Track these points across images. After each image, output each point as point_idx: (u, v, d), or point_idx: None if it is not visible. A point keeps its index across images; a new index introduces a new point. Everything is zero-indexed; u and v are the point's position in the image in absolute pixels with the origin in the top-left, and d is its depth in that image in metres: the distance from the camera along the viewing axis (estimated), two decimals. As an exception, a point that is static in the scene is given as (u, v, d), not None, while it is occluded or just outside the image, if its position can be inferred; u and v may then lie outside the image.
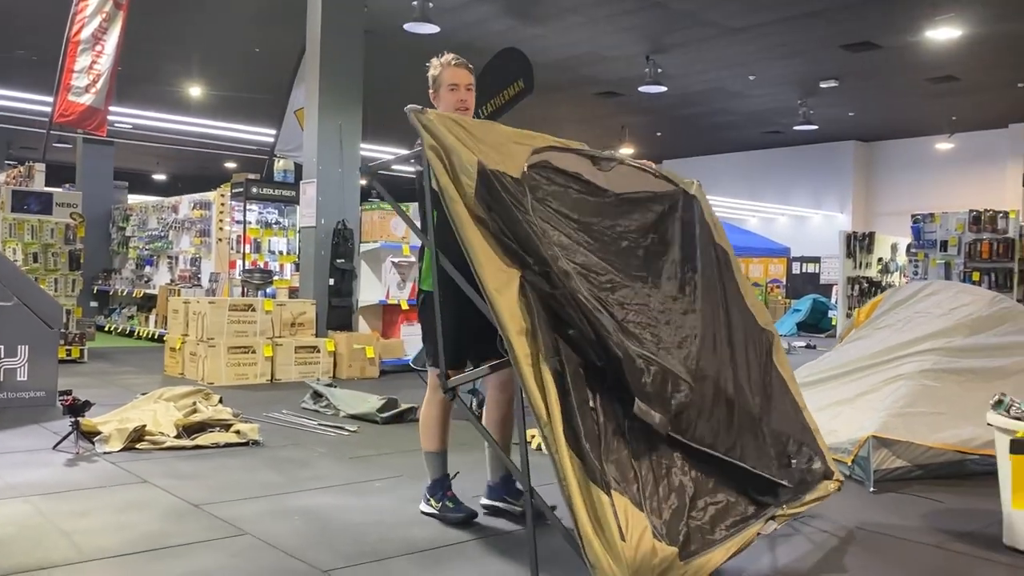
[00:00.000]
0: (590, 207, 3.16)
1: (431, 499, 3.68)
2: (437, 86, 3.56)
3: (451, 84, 3.51)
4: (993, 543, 3.49)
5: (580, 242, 3.02)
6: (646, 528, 2.58)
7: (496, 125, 3.10)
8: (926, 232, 10.50)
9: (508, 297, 2.70)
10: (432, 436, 3.69)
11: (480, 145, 2.90)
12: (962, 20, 10.81)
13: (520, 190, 2.89)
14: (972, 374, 4.84)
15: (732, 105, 16.47)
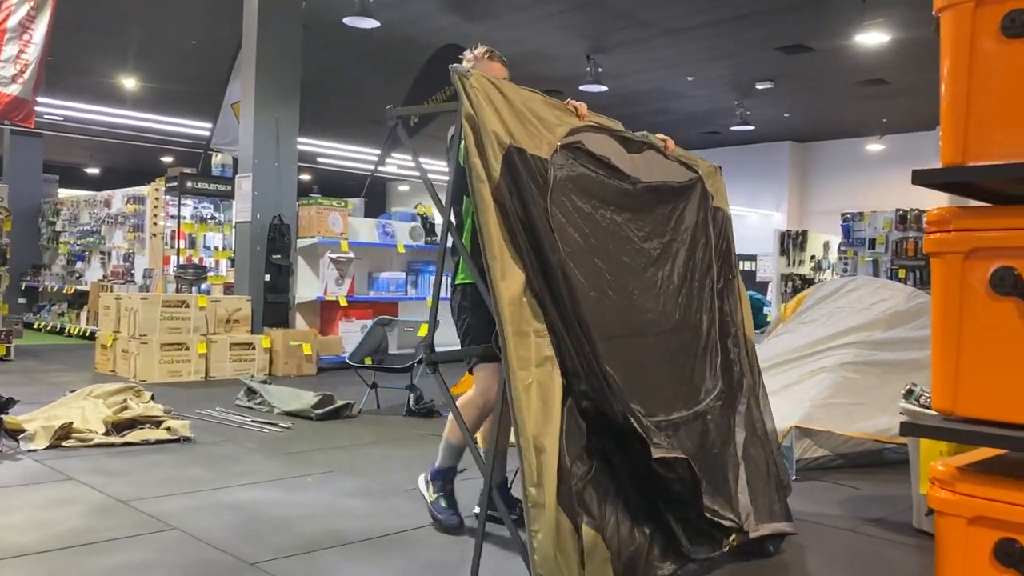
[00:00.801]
0: (613, 196, 3.04)
1: (431, 484, 3.54)
2: None
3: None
4: (904, 527, 3.64)
5: (594, 240, 2.90)
6: (607, 561, 2.57)
7: (539, 96, 2.91)
8: (855, 230, 10.82)
9: (513, 293, 2.59)
10: (457, 432, 3.47)
11: (517, 119, 2.74)
12: (890, 25, 11.13)
13: (544, 172, 2.77)
14: (890, 366, 5.02)
15: (672, 105, 16.71)
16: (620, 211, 3.07)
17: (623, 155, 3.14)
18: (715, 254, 3.49)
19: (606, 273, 2.93)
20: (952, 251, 1.90)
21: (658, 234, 3.22)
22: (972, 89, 1.86)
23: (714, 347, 3.34)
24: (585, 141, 2.98)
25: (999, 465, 2.00)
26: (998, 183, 1.97)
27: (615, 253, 3.01)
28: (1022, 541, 1.78)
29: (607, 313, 2.87)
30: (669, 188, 3.33)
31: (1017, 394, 1.81)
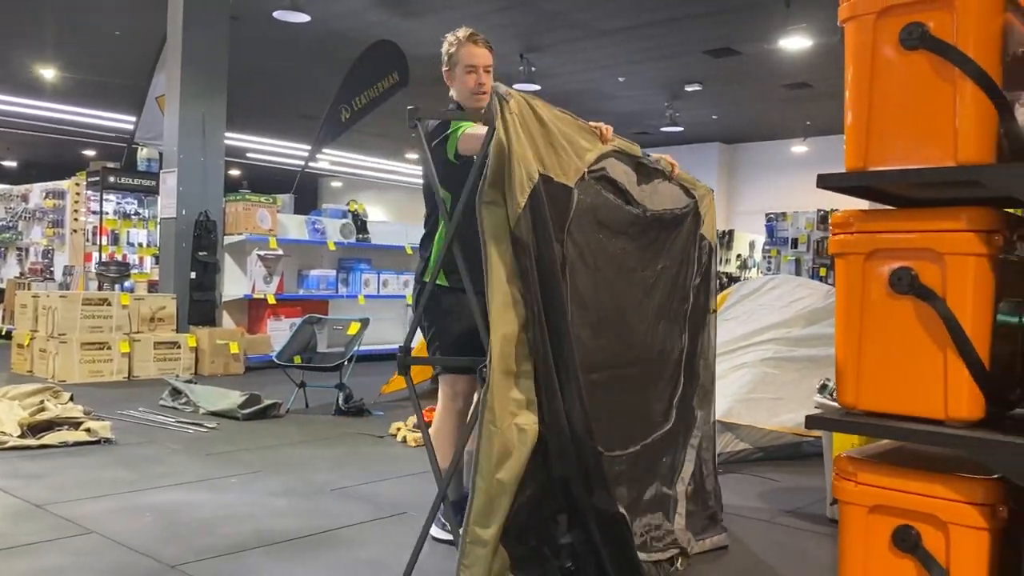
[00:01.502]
0: (624, 225, 3.01)
1: (449, 524, 3.18)
2: (452, 64, 3.23)
3: (468, 65, 3.19)
4: (818, 517, 3.78)
5: (602, 271, 2.87)
6: None
7: (570, 119, 2.78)
8: (779, 230, 11.13)
9: (509, 331, 2.49)
10: (442, 450, 3.18)
11: (550, 144, 2.64)
12: (813, 30, 11.46)
13: (566, 200, 2.69)
14: (808, 362, 5.19)
15: (604, 106, 16.89)
16: (628, 240, 3.04)
17: (634, 183, 3.08)
18: (694, 284, 3.45)
19: (607, 306, 2.90)
20: (854, 252, 1.99)
21: (654, 263, 3.19)
22: (873, 97, 1.95)
23: (678, 379, 3.33)
24: (609, 169, 2.92)
25: (899, 456, 2.10)
26: (898, 187, 2.08)
27: (617, 283, 2.97)
28: (918, 528, 1.88)
29: (600, 348, 2.84)
30: (671, 217, 3.29)
31: (914, 389, 1.91)
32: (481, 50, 3.21)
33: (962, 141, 1.82)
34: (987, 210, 1.83)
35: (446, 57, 3.24)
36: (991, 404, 1.86)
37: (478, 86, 3.18)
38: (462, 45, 3.20)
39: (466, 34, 3.23)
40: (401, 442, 5.14)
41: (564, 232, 2.69)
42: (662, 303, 3.23)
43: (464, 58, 3.19)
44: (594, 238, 2.84)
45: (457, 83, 3.23)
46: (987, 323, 1.85)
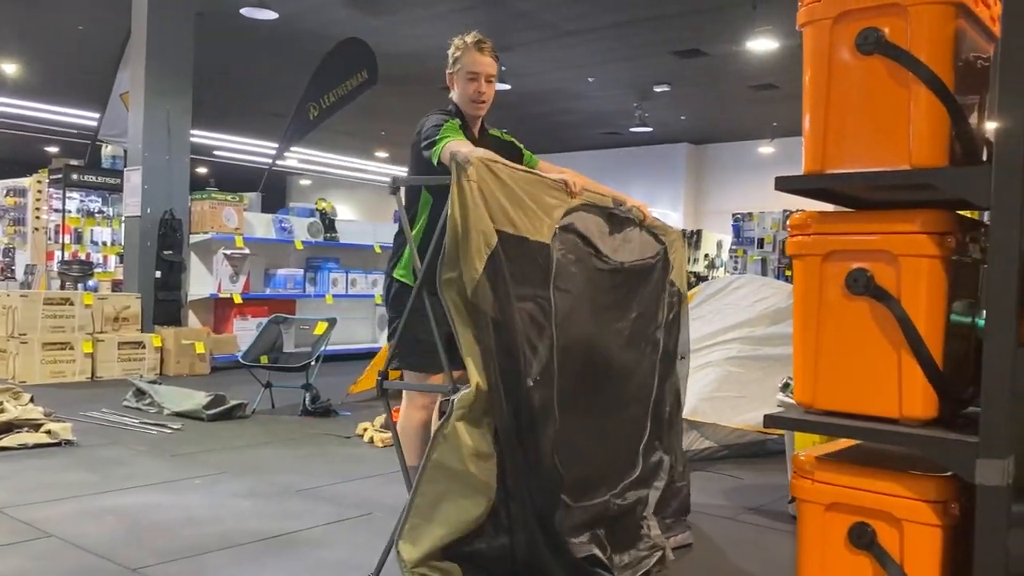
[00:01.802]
0: (601, 278, 3.02)
1: None
2: (456, 71, 3.21)
3: (471, 73, 3.16)
4: (781, 514, 3.83)
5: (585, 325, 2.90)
6: None
7: (536, 179, 2.80)
8: (745, 230, 11.24)
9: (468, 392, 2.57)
10: (410, 448, 3.19)
11: (518, 205, 2.66)
12: (779, 32, 11.56)
13: (546, 257, 2.72)
14: (772, 360, 5.25)
15: (574, 105, 16.94)
16: (606, 292, 3.06)
17: (605, 234, 3.08)
18: (663, 331, 3.46)
19: (591, 356, 2.92)
20: (811, 253, 2.02)
21: (628, 313, 3.20)
22: (830, 101, 1.98)
23: (645, 426, 3.33)
24: (576, 222, 2.92)
25: (857, 454, 2.13)
26: (855, 189, 2.11)
27: (599, 334, 3.00)
28: (874, 525, 1.91)
29: (581, 398, 2.87)
30: (643, 267, 3.30)
31: (869, 388, 1.94)
32: (486, 59, 3.20)
33: (916, 144, 1.85)
34: (940, 213, 1.86)
35: (451, 60, 3.23)
36: (944, 403, 1.90)
37: (478, 94, 3.19)
38: (468, 51, 3.19)
39: (473, 40, 3.20)
40: (368, 442, 5.13)
41: (550, 287, 2.73)
42: (636, 352, 3.25)
43: (468, 64, 3.18)
44: (579, 290, 2.87)
45: (458, 88, 3.22)
46: (940, 323, 1.88)
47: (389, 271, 3.29)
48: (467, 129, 3.19)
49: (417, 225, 3.20)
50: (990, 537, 1.68)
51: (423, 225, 3.18)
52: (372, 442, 5.10)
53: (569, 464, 2.76)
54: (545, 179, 2.85)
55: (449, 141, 2.96)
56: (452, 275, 2.57)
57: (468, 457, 2.56)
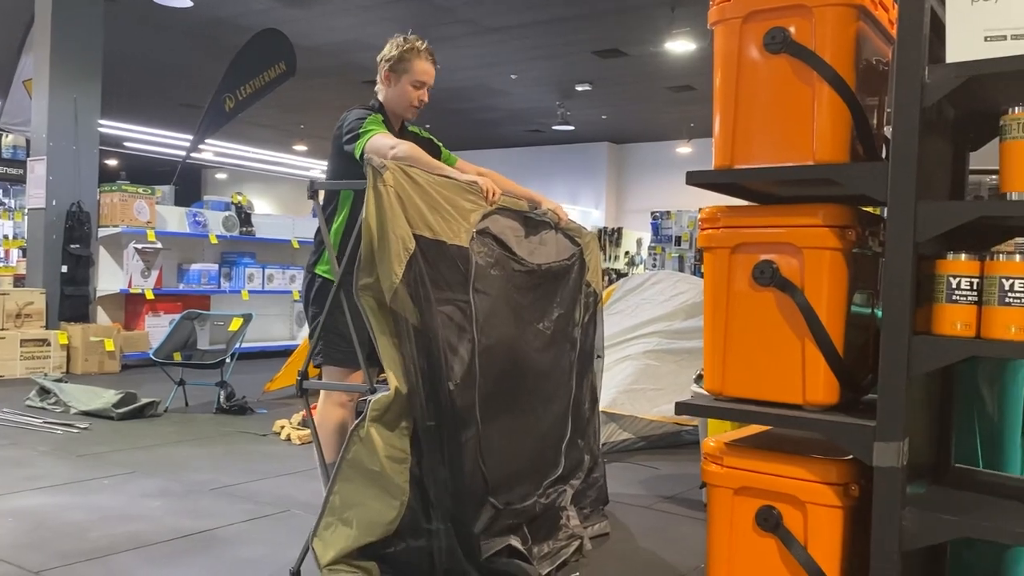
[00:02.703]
0: (520, 279, 3.02)
1: None
2: (398, 71, 3.16)
3: (417, 80, 3.17)
4: (695, 503, 3.92)
5: (507, 326, 2.90)
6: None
7: (452, 183, 2.79)
8: (663, 228, 11.46)
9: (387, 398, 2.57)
10: (329, 444, 3.16)
11: (436, 210, 2.67)
12: (696, 34, 11.83)
13: (466, 261, 2.73)
14: (687, 353, 5.37)
15: (497, 103, 16.97)
16: (523, 295, 3.05)
17: (520, 239, 3.09)
18: (581, 330, 3.48)
19: (512, 357, 2.92)
20: (720, 246, 2.08)
21: (548, 314, 3.21)
22: (739, 98, 2.04)
23: (566, 424, 3.36)
24: (491, 226, 2.92)
25: (763, 440, 2.21)
26: (762, 184, 2.18)
27: (519, 336, 3.00)
28: (779, 508, 1.98)
29: (502, 399, 2.87)
30: (559, 268, 3.31)
31: (775, 375, 2.01)
32: (431, 68, 3.21)
33: (819, 141, 1.93)
34: (841, 207, 1.94)
35: (394, 58, 3.18)
36: (845, 389, 1.98)
37: (419, 102, 3.21)
38: (418, 56, 3.16)
39: (423, 46, 3.19)
40: (285, 440, 5.04)
41: (470, 290, 2.73)
42: (555, 352, 3.27)
43: (416, 71, 3.16)
44: (498, 293, 2.88)
45: (396, 89, 3.19)
46: (841, 313, 1.97)
47: (310, 266, 3.27)
48: (388, 125, 3.17)
49: (337, 220, 3.18)
50: (886, 515, 1.77)
51: (343, 220, 3.17)
52: (290, 440, 5.02)
53: (495, 466, 2.78)
54: (461, 183, 2.85)
55: (373, 134, 2.96)
56: (368, 280, 2.56)
57: (383, 459, 2.55)
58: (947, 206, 1.75)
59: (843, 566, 1.94)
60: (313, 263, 3.25)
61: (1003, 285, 1.68)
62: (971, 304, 1.75)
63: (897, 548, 1.76)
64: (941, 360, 1.75)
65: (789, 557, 1.97)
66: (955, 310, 1.76)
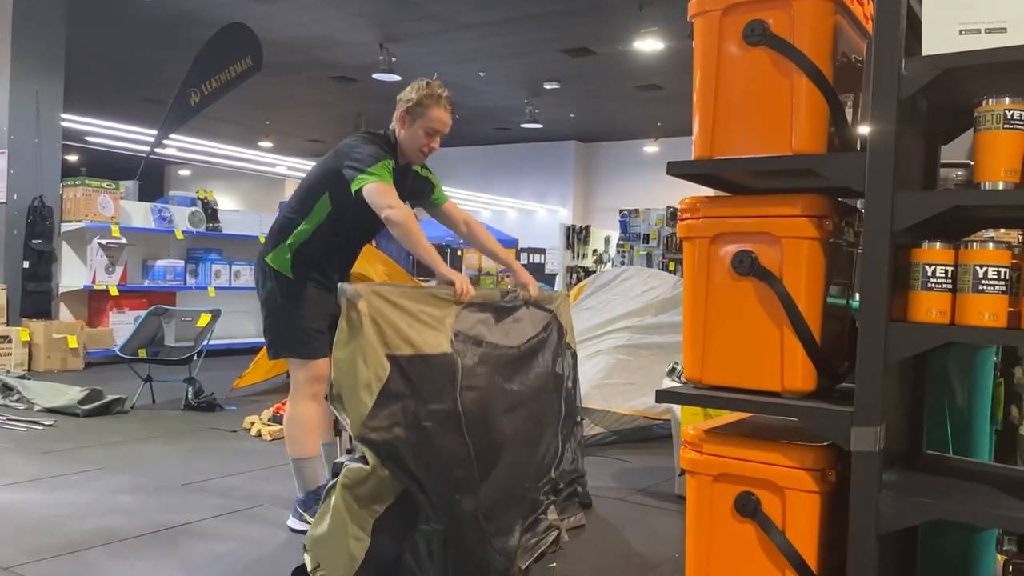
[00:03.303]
0: (499, 372, 2.95)
1: (305, 513, 3.20)
2: (414, 115, 3.12)
3: (433, 128, 3.14)
4: (667, 495, 3.96)
5: (499, 414, 2.86)
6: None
7: (425, 293, 2.74)
8: (632, 226, 11.53)
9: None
10: (306, 439, 3.22)
11: (416, 322, 2.64)
12: (664, 33, 11.92)
13: (452, 367, 2.69)
14: (659, 348, 5.42)
15: (465, 100, 16.94)
16: (510, 376, 3.00)
17: (493, 324, 3.03)
18: (566, 393, 3.47)
19: (508, 443, 2.89)
20: (700, 236, 2.10)
21: (536, 388, 3.16)
22: (719, 90, 2.07)
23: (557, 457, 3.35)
24: (465, 324, 2.85)
25: (740, 429, 2.24)
26: (740, 176, 2.21)
27: (512, 420, 2.95)
28: (758, 494, 2.01)
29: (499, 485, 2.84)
30: (537, 341, 3.26)
31: (753, 363, 2.03)
32: (448, 118, 3.18)
33: (797, 132, 1.96)
34: (819, 197, 1.97)
35: (413, 100, 3.13)
36: (822, 377, 2.02)
37: (429, 149, 3.19)
38: (436, 103, 3.12)
39: (443, 93, 3.15)
40: (256, 436, 5.00)
41: (458, 390, 2.69)
42: (547, 424, 3.25)
43: (432, 119, 3.13)
44: (486, 383, 2.84)
45: (410, 131, 3.16)
46: (819, 302, 2.00)
47: (262, 255, 3.27)
48: (395, 165, 3.15)
49: (306, 222, 3.19)
50: (863, 499, 1.80)
51: (313, 227, 3.18)
52: (260, 436, 4.97)
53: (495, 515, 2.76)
54: (433, 290, 2.79)
55: (377, 181, 2.95)
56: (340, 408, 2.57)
57: (349, 537, 2.55)
58: (923, 195, 1.79)
59: (820, 551, 1.97)
60: (264, 253, 3.27)
61: (977, 273, 1.72)
62: (946, 292, 1.78)
63: (875, 531, 1.80)
64: (917, 346, 1.79)
65: (767, 542, 1.99)
66: (930, 297, 1.80)
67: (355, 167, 2.98)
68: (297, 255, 3.18)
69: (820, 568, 1.97)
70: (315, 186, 3.19)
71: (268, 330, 3.26)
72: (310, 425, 3.22)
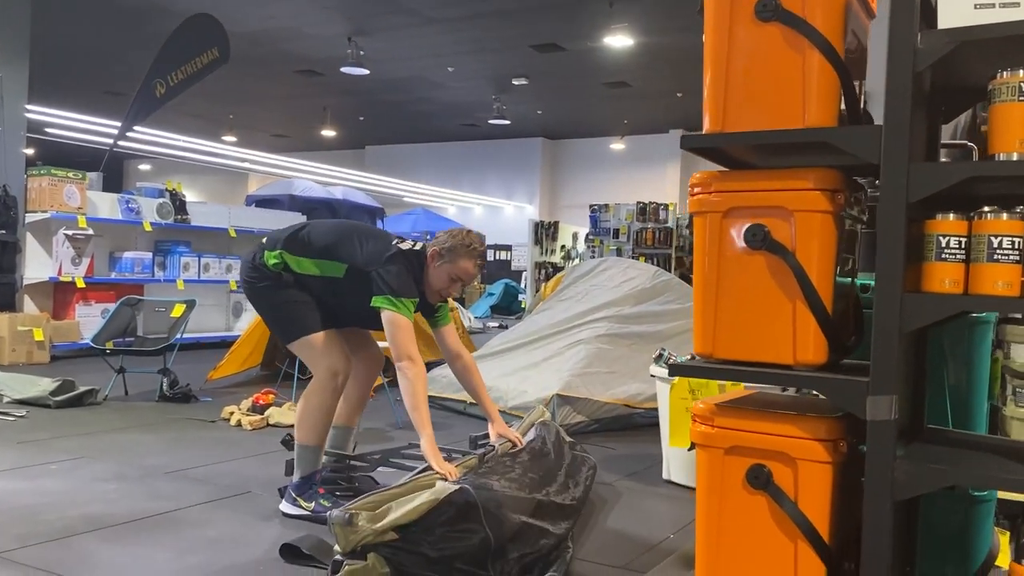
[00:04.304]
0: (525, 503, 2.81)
1: (299, 498, 3.18)
2: (445, 259, 3.18)
3: (458, 276, 3.21)
4: (655, 479, 3.99)
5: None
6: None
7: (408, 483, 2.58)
8: (602, 221, 11.58)
9: None
10: (314, 428, 3.22)
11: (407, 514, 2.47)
12: (634, 30, 12.00)
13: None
14: (638, 338, 5.45)
15: (433, 95, 16.90)
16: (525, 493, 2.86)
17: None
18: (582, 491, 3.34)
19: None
20: (713, 210, 2.11)
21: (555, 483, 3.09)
22: (731, 65, 2.08)
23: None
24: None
25: (748, 403, 2.26)
26: (748, 154, 2.23)
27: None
28: (770, 466, 2.03)
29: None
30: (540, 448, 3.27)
31: (766, 337, 2.05)
32: (475, 269, 3.25)
33: (809, 107, 1.97)
34: (832, 171, 1.99)
35: (448, 244, 3.19)
36: (832, 351, 2.04)
37: (449, 294, 3.28)
38: (468, 256, 3.19)
39: (478, 248, 3.22)
40: (236, 426, 4.93)
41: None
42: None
43: (461, 268, 3.19)
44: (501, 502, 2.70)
45: (437, 273, 3.21)
46: (830, 275, 2.02)
47: (260, 251, 3.27)
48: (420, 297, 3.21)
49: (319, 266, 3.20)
50: (879, 467, 1.83)
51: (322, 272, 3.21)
52: (240, 426, 4.90)
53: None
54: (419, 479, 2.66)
55: (401, 315, 3.02)
56: None
57: None
58: (939, 167, 1.82)
59: (831, 521, 2.00)
60: (263, 250, 3.27)
61: (992, 243, 1.76)
62: (959, 262, 1.82)
63: (890, 499, 1.82)
64: (932, 316, 1.82)
65: (780, 513, 2.01)
66: (944, 268, 1.83)
67: (383, 287, 3.04)
68: (289, 272, 3.21)
69: (831, 538, 2.00)
70: (342, 252, 3.19)
71: (266, 323, 3.34)
72: (324, 415, 3.20)
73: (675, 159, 19.29)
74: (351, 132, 21.02)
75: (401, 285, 3.06)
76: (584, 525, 3.24)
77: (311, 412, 3.20)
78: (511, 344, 5.78)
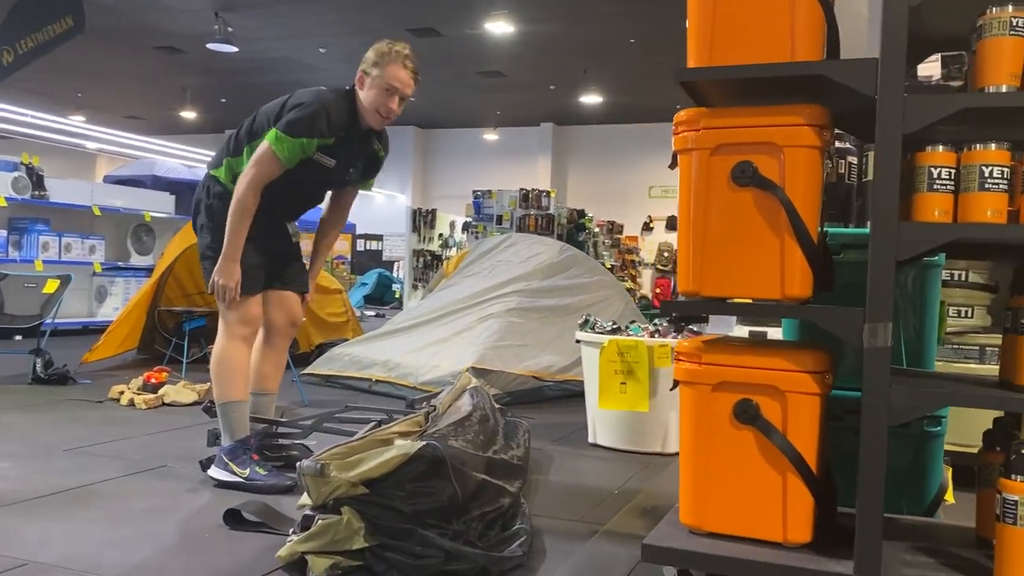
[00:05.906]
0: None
1: (231, 463, 2.94)
2: (374, 73, 2.95)
3: (390, 86, 2.95)
4: (582, 443, 3.99)
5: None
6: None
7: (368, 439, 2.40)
8: (485, 207, 11.56)
9: None
10: (232, 380, 2.97)
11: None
12: (514, 18, 12.03)
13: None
14: (548, 311, 5.46)
15: (304, 77, 16.34)
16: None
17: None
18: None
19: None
20: (700, 148, 2.11)
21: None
22: (717, 5, 2.08)
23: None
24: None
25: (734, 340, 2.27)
26: (729, 96, 2.24)
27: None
28: (758, 400, 2.04)
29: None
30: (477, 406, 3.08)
31: (754, 273, 2.06)
32: (408, 77, 3.01)
33: (798, 40, 2.01)
34: (820, 107, 2.03)
35: (370, 60, 2.99)
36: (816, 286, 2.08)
37: (388, 110, 3.01)
38: (394, 61, 2.97)
39: (404, 52, 3.00)
40: (127, 405, 4.57)
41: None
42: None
43: (390, 76, 2.96)
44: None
45: (368, 91, 2.99)
46: (816, 210, 2.06)
47: (209, 179, 3.10)
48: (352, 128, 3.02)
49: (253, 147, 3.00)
50: (876, 392, 1.87)
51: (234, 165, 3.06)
52: (133, 405, 4.55)
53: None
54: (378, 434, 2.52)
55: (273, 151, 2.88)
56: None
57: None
58: (933, 98, 1.88)
59: (819, 452, 2.04)
60: (212, 166, 3.12)
61: (983, 172, 1.83)
62: (949, 193, 1.89)
63: (887, 424, 1.87)
64: (927, 244, 1.87)
65: (767, 447, 2.03)
66: (935, 198, 1.89)
67: (282, 123, 2.90)
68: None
69: (818, 468, 2.04)
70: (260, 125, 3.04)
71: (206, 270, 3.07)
72: (239, 367, 2.98)
73: (547, 152, 19.55)
74: (213, 115, 20.06)
75: (298, 123, 2.88)
76: (528, 486, 3.20)
77: (223, 363, 2.98)
78: (417, 320, 5.66)
